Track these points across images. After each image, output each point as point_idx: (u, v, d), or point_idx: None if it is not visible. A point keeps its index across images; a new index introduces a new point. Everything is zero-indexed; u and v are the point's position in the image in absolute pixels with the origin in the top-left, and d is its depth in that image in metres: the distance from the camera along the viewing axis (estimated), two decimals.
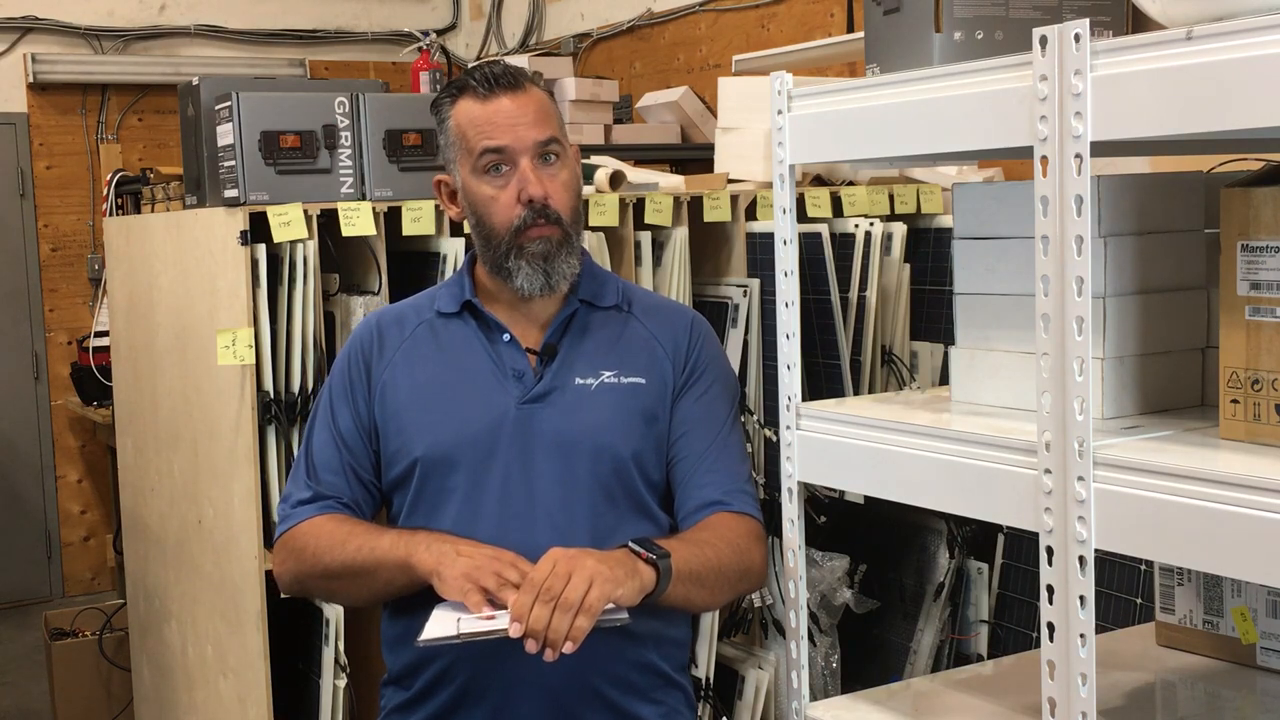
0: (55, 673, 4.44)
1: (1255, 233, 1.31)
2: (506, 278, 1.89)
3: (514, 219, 1.86)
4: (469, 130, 1.88)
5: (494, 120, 1.87)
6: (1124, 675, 1.72)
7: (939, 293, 3.29)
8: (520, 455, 1.86)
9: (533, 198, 1.85)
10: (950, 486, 1.49)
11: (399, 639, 1.91)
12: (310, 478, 1.93)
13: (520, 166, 1.86)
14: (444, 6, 7.37)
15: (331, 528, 1.87)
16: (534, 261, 1.87)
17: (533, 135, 1.86)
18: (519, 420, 1.87)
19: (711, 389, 1.96)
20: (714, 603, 1.91)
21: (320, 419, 1.97)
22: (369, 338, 1.97)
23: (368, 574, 1.83)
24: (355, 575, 1.84)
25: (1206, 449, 1.33)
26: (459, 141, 1.90)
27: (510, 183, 1.86)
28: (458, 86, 1.92)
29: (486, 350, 1.92)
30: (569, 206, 1.89)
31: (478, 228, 1.91)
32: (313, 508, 1.91)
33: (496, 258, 1.89)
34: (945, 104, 1.45)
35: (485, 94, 1.88)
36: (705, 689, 3.04)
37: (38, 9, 6.53)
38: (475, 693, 1.86)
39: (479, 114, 1.88)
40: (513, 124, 1.86)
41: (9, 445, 6.59)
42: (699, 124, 4.58)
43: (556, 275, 1.88)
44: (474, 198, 1.89)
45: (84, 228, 6.70)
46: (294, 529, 1.91)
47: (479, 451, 1.87)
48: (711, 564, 1.81)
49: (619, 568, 1.67)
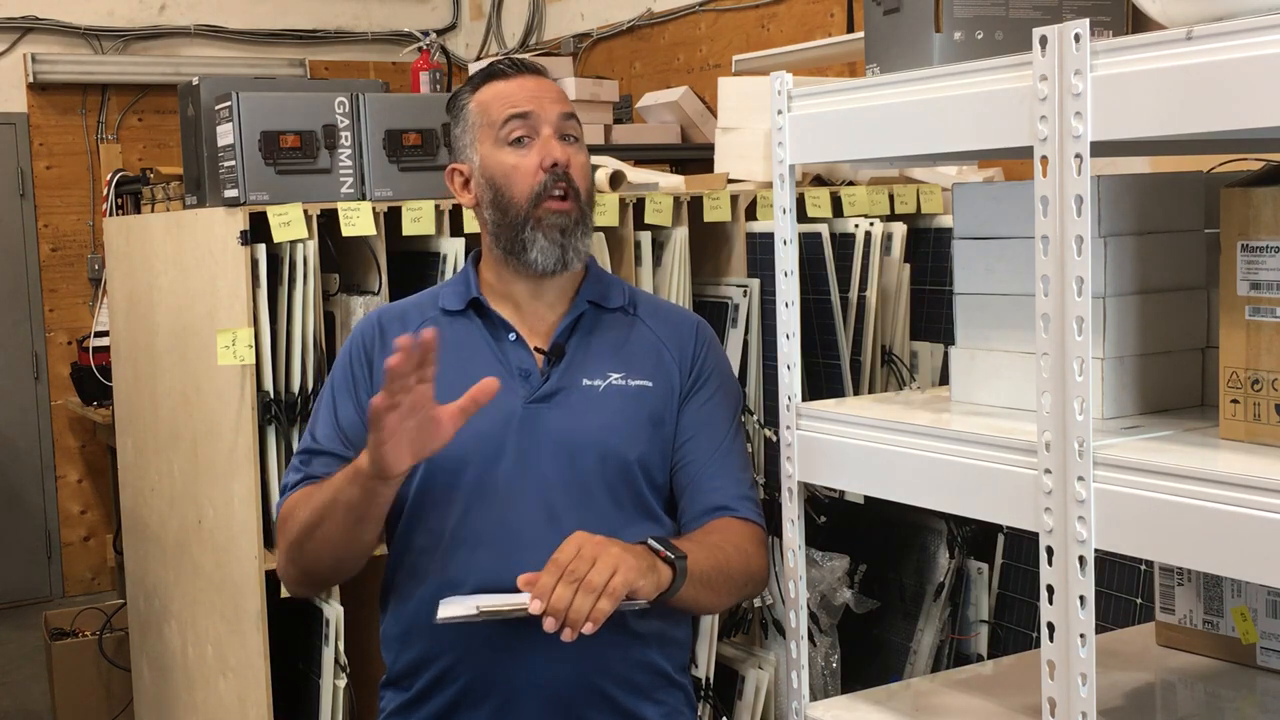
0: (55, 673, 4.44)
1: (1255, 233, 1.31)
2: (521, 252, 1.88)
3: (535, 185, 1.86)
4: (493, 103, 1.90)
5: (519, 92, 1.89)
6: (1124, 675, 1.72)
7: (939, 293, 3.28)
8: (526, 455, 1.85)
9: (556, 161, 1.86)
10: (950, 486, 1.49)
11: (400, 639, 1.91)
12: (309, 459, 1.92)
13: (543, 135, 1.87)
14: (444, 6, 7.37)
15: (304, 493, 1.86)
16: (550, 234, 1.86)
17: (556, 108, 1.89)
18: (525, 420, 1.86)
19: (717, 394, 1.96)
20: (718, 606, 1.91)
21: (323, 413, 1.95)
22: (371, 334, 1.96)
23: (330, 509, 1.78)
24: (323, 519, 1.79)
25: (1206, 449, 1.33)
26: (480, 118, 1.90)
27: (532, 151, 1.87)
28: (482, 75, 1.93)
29: (492, 349, 1.91)
30: (585, 187, 1.91)
31: (495, 203, 1.90)
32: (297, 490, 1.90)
33: (513, 230, 1.88)
34: (945, 104, 1.45)
35: (512, 73, 1.91)
36: (705, 689, 3.04)
37: (38, 9, 6.53)
38: (477, 694, 1.85)
39: (504, 88, 1.90)
40: (537, 96, 1.89)
41: (9, 445, 6.59)
42: (699, 124, 4.58)
43: (572, 252, 1.88)
44: (494, 170, 1.89)
45: (84, 228, 6.70)
46: (282, 510, 1.90)
47: (486, 450, 1.85)
48: (721, 568, 1.81)
49: (642, 560, 1.68)
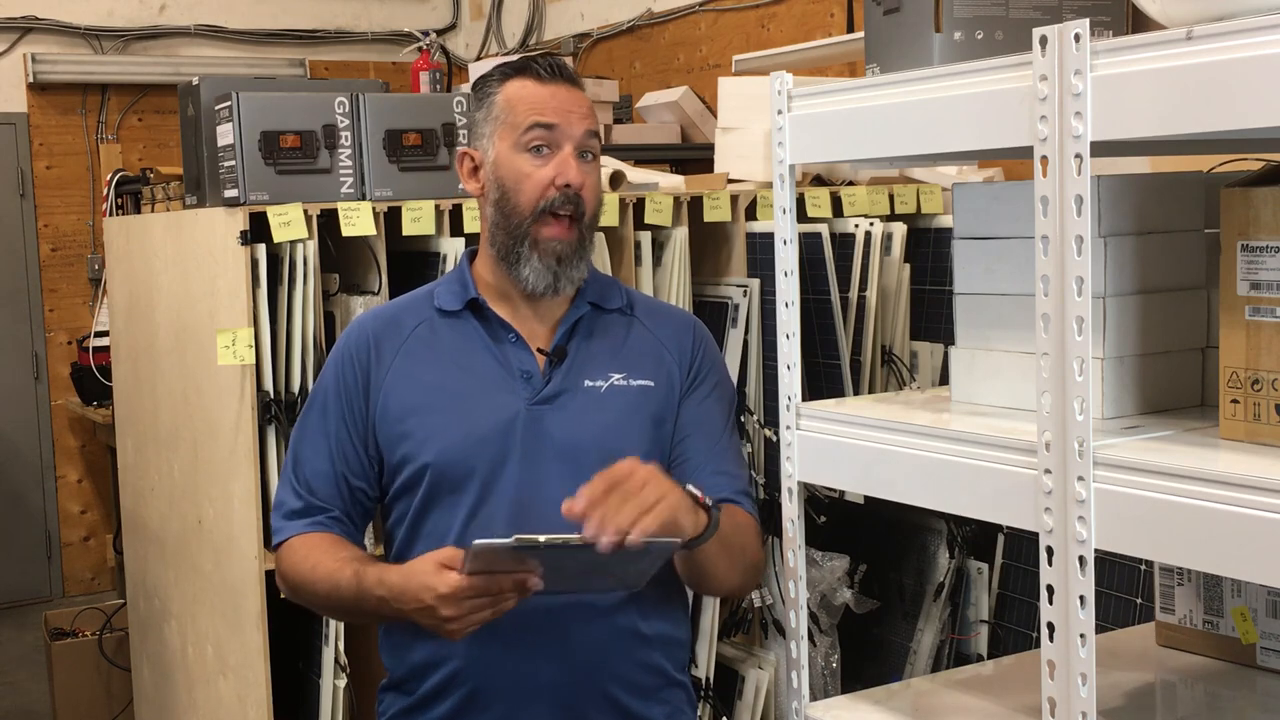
0: (55, 673, 4.44)
1: (1255, 233, 1.31)
2: (514, 264, 1.86)
3: (543, 199, 1.84)
4: (520, 104, 1.87)
5: (549, 102, 1.87)
6: (1124, 675, 1.72)
7: (939, 293, 3.29)
8: (531, 458, 1.84)
9: (570, 183, 1.84)
10: (950, 486, 1.49)
11: (403, 642, 1.89)
12: (300, 486, 1.90)
13: (563, 151, 1.85)
14: (444, 6, 7.37)
15: (307, 553, 1.86)
16: (546, 259, 1.85)
17: (583, 125, 1.87)
18: (529, 422, 1.85)
19: (714, 393, 1.96)
20: (726, 579, 1.88)
21: (311, 426, 1.92)
22: (363, 344, 1.91)
23: (342, 602, 1.84)
24: (330, 602, 1.86)
25: (1206, 449, 1.33)
26: (505, 114, 1.88)
27: (549, 164, 1.85)
28: (515, 67, 1.91)
29: (492, 350, 1.88)
30: (593, 210, 1.89)
31: (500, 203, 1.88)
32: (303, 523, 1.89)
33: (510, 239, 1.86)
34: (945, 104, 1.45)
35: (546, 78, 1.88)
36: (705, 689, 3.04)
37: (38, 9, 6.53)
38: (483, 697, 1.83)
39: (535, 92, 1.87)
40: (566, 109, 1.87)
41: (9, 445, 6.59)
42: (699, 124, 4.58)
43: (564, 279, 1.87)
44: (506, 171, 1.87)
45: (84, 228, 6.70)
46: (286, 544, 1.89)
47: (491, 454, 1.83)
48: (736, 538, 1.83)
49: (685, 499, 1.68)
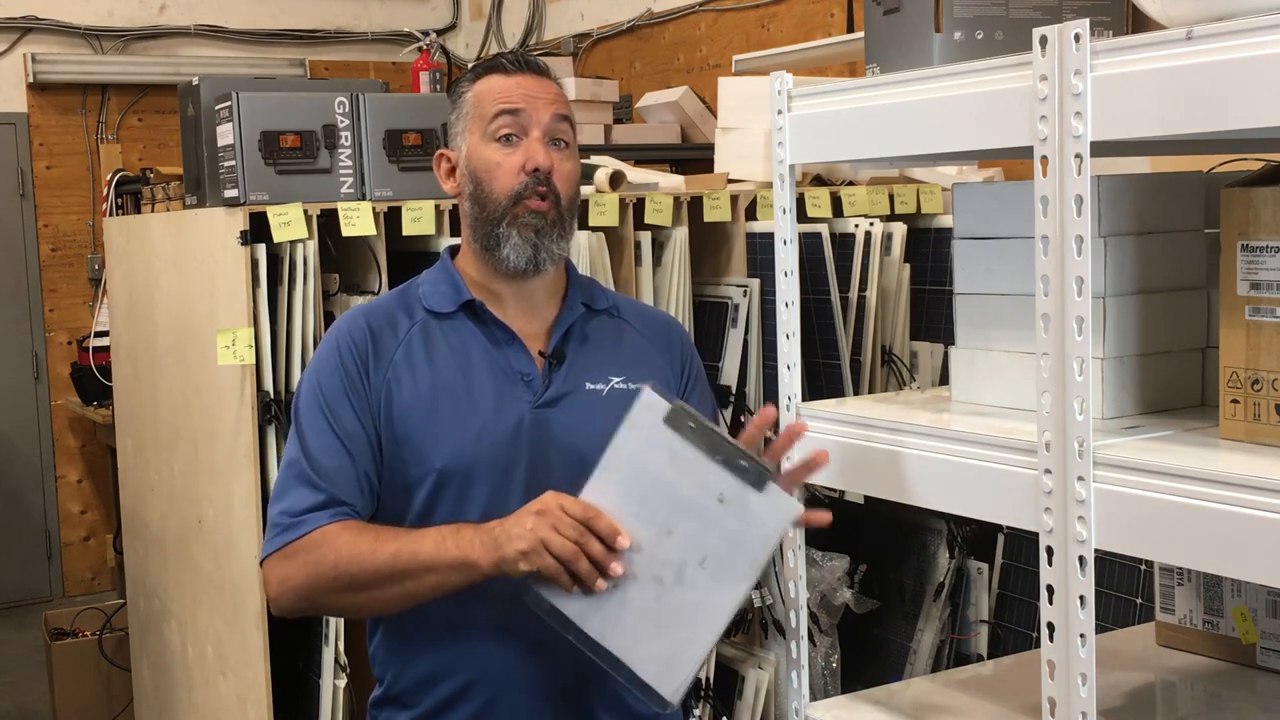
0: (55, 673, 4.45)
1: (1255, 233, 1.31)
2: (495, 248, 1.84)
3: (515, 185, 1.83)
4: (486, 96, 1.87)
5: (514, 90, 1.86)
6: (1124, 675, 1.72)
7: (939, 293, 3.29)
8: (537, 461, 1.81)
9: (539, 166, 1.83)
10: (950, 486, 1.49)
11: (405, 652, 1.84)
12: (319, 478, 1.79)
13: (531, 137, 1.85)
14: (444, 6, 7.37)
15: (352, 536, 1.75)
16: (525, 233, 1.83)
17: (549, 110, 1.86)
18: (534, 425, 1.82)
19: (704, 394, 1.98)
20: None
21: (314, 422, 1.83)
22: (362, 339, 1.85)
23: (411, 577, 1.70)
24: (395, 580, 1.71)
25: (1206, 449, 1.33)
26: (473, 109, 1.88)
27: (517, 151, 1.84)
28: (484, 66, 1.91)
29: (489, 353, 1.86)
30: (568, 194, 1.88)
31: (474, 196, 1.87)
32: (325, 514, 1.77)
33: (488, 227, 1.85)
34: (945, 104, 1.45)
35: (512, 69, 1.88)
36: (705, 689, 3.04)
37: (38, 9, 6.53)
38: (499, 709, 1.81)
39: (501, 83, 1.87)
40: (532, 95, 1.86)
41: (9, 445, 6.59)
42: (699, 124, 4.59)
43: (544, 253, 1.84)
44: (478, 164, 1.86)
45: (84, 228, 6.70)
46: (304, 538, 1.76)
47: (501, 458, 1.81)
48: None
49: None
